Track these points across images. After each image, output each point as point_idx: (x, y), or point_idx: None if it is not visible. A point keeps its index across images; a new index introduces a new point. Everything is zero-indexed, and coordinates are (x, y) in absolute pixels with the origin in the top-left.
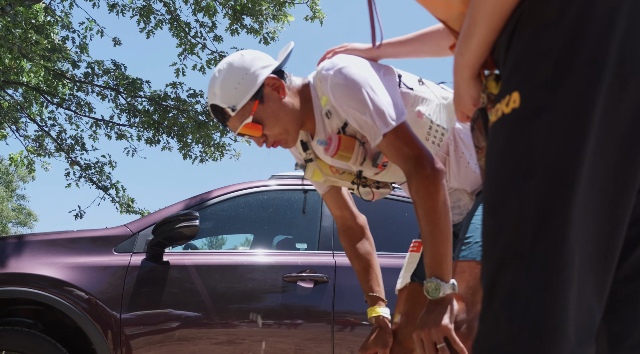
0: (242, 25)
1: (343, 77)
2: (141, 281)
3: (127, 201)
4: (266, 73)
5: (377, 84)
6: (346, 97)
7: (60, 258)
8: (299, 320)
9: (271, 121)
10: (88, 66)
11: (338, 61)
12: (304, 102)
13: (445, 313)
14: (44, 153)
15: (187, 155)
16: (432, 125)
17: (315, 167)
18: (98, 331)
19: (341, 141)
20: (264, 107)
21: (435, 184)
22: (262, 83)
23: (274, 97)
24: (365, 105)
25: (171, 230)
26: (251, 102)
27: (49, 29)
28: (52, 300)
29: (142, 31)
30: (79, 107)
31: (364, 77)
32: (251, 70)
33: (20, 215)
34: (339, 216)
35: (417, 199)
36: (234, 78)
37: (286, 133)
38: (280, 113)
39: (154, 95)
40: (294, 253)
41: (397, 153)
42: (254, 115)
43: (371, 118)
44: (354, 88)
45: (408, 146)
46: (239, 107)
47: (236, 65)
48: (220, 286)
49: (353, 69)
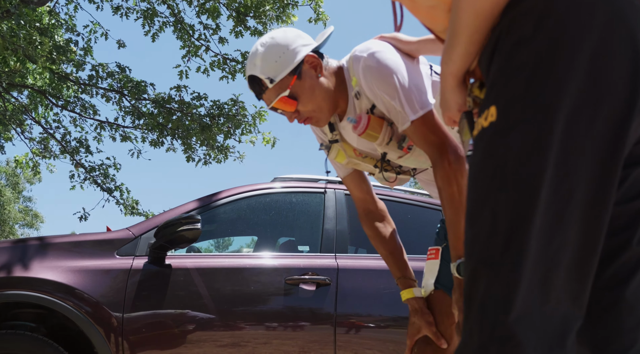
0: (246, 27)
1: (376, 61)
2: (143, 284)
3: (132, 203)
4: (306, 51)
5: (408, 71)
6: (377, 80)
7: (63, 262)
8: (302, 323)
9: (306, 97)
10: (92, 69)
11: (372, 45)
12: (338, 82)
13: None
14: (49, 155)
15: (191, 157)
16: None
17: (340, 148)
18: (100, 335)
19: (370, 120)
20: (301, 82)
21: (459, 170)
22: (301, 60)
23: (312, 74)
24: (395, 90)
25: (173, 233)
26: (289, 77)
27: (53, 32)
28: (55, 304)
29: (147, 34)
30: (84, 109)
31: (396, 63)
32: (292, 46)
33: (26, 216)
34: (360, 199)
35: (442, 185)
36: (275, 52)
37: (319, 111)
38: (315, 91)
39: (158, 97)
40: (296, 256)
41: (423, 139)
42: (291, 89)
43: (400, 104)
44: (385, 72)
45: (434, 133)
46: (278, 79)
47: (279, 40)
48: (222, 289)
49: (387, 54)
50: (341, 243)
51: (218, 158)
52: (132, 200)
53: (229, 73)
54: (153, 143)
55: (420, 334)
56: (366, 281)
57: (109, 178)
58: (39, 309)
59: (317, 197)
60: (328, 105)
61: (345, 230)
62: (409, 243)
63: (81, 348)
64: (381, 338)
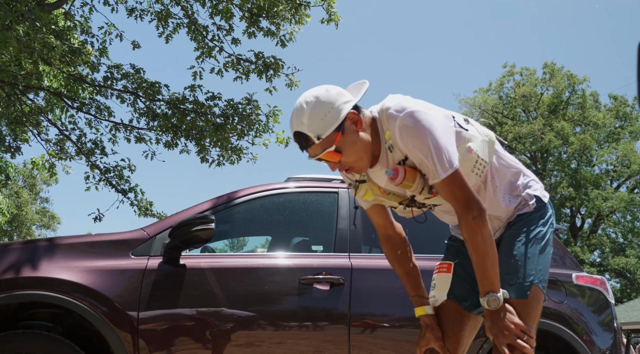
0: (259, 28)
1: (412, 121)
2: (158, 284)
3: (146, 204)
4: (348, 108)
5: (440, 131)
6: (412, 139)
7: (79, 262)
8: (316, 322)
9: (349, 150)
10: (107, 70)
11: (407, 104)
12: (374, 134)
13: (510, 316)
14: (65, 156)
15: (205, 159)
16: (478, 159)
17: (368, 188)
18: (116, 334)
19: (407, 172)
20: (344, 137)
21: (482, 222)
22: (344, 117)
23: (353, 129)
24: (428, 149)
25: (187, 233)
26: (335, 133)
27: (69, 34)
28: (71, 304)
29: (161, 36)
30: (99, 110)
31: (430, 123)
32: (336, 105)
33: (44, 217)
34: (381, 226)
35: (467, 236)
36: (321, 110)
37: (360, 161)
38: (357, 144)
39: (172, 98)
40: (310, 256)
41: (450, 194)
42: (336, 145)
43: (432, 162)
44: (421, 132)
45: (460, 190)
46: (324, 136)
47: (323, 99)
48: (236, 289)
49: (421, 115)
50: (355, 242)
51: (232, 159)
52: (147, 201)
53: (242, 73)
54: (167, 145)
55: (429, 346)
56: (380, 281)
57: (123, 179)
58: (56, 309)
59: (330, 197)
60: (367, 155)
61: (359, 229)
62: (423, 242)
63: (97, 347)
64: (395, 337)
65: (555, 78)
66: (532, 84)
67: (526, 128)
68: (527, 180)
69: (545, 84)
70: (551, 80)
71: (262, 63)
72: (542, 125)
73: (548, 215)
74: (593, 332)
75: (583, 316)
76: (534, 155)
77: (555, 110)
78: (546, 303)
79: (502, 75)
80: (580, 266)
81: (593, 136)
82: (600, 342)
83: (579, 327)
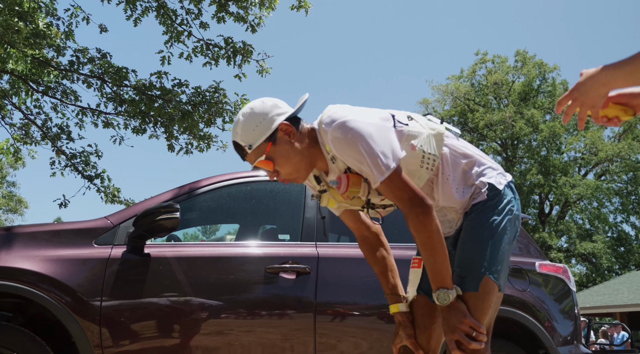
0: (229, 13)
1: (341, 132)
2: (122, 273)
3: (113, 191)
4: (280, 119)
5: (372, 135)
6: (345, 149)
7: (40, 251)
8: (284, 311)
9: (282, 160)
10: (73, 54)
11: (336, 115)
12: (313, 144)
13: (460, 312)
14: (30, 141)
15: (172, 147)
16: (425, 154)
17: (329, 196)
18: (78, 324)
19: (349, 179)
20: (276, 148)
21: (428, 218)
22: (276, 128)
23: (286, 140)
24: (362, 156)
25: (152, 222)
26: (265, 143)
27: (34, 16)
28: (31, 293)
29: (129, 19)
30: (65, 95)
31: (359, 130)
32: (269, 116)
33: (10, 202)
34: (355, 229)
35: (415, 233)
36: (253, 122)
37: (296, 172)
38: (290, 154)
39: (139, 84)
40: (276, 245)
41: (393, 195)
42: (267, 154)
43: (368, 168)
44: (350, 142)
45: (401, 190)
46: (255, 146)
47: (257, 111)
48: (202, 278)
49: (350, 124)
50: (322, 231)
51: (200, 147)
52: (114, 188)
53: (212, 59)
54: (135, 130)
55: (402, 344)
56: (347, 270)
57: (90, 165)
58: (17, 299)
59: (298, 186)
60: (304, 166)
61: (326, 218)
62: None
63: (59, 338)
64: (362, 325)
65: (527, 67)
66: (503, 72)
67: (497, 115)
68: (482, 168)
69: (517, 72)
70: (522, 68)
71: (231, 48)
72: (513, 113)
73: (504, 203)
74: (555, 319)
75: (545, 304)
76: (505, 142)
77: (526, 98)
78: (510, 291)
79: (474, 62)
80: (544, 255)
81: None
82: (562, 329)
83: (541, 314)
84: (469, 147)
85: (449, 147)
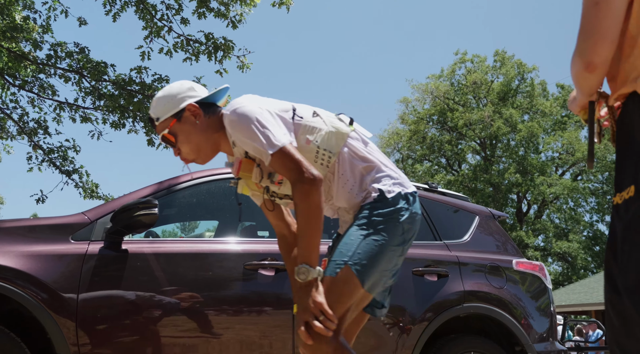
0: (209, 9)
1: (236, 115)
2: (99, 269)
3: (91, 186)
4: (190, 100)
5: (263, 117)
6: (239, 130)
7: (16, 247)
8: (263, 308)
9: (183, 138)
10: (51, 48)
11: (235, 102)
12: (219, 129)
13: (315, 293)
14: (6, 136)
15: (152, 141)
16: (319, 150)
17: (244, 184)
18: (54, 321)
19: (242, 163)
20: (180, 125)
21: (312, 188)
22: (183, 108)
23: (191, 121)
24: (254, 134)
25: (130, 218)
26: (170, 118)
27: (11, 9)
28: (7, 290)
29: (108, 14)
30: (42, 89)
31: (252, 112)
32: (180, 96)
33: None
34: (275, 225)
35: (298, 201)
36: (165, 98)
37: (197, 152)
38: (192, 134)
39: (118, 79)
40: (255, 241)
41: (283, 167)
42: (170, 129)
43: (260, 144)
44: (243, 122)
45: (291, 161)
46: (162, 119)
47: (172, 89)
48: (180, 274)
49: (245, 108)
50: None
51: None
52: (92, 183)
53: (192, 54)
54: (114, 125)
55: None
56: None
57: (67, 160)
58: None
59: None
60: (205, 148)
61: None
62: None
63: (34, 335)
64: None
65: (506, 66)
66: (483, 71)
67: (476, 114)
68: (380, 174)
69: (496, 72)
70: (501, 68)
71: (212, 44)
72: (491, 112)
73: (391, 209)
74: (531, 316)
75: (522, 301)
76: (484, 142)
77: (504, 98)
78: (487, 288)
79: (454, 62)
80: (521, 253)
81: (540, 124)
82: (538, 326)
83: (517, 312)
84: (374, 153)
85: (350, 147)
